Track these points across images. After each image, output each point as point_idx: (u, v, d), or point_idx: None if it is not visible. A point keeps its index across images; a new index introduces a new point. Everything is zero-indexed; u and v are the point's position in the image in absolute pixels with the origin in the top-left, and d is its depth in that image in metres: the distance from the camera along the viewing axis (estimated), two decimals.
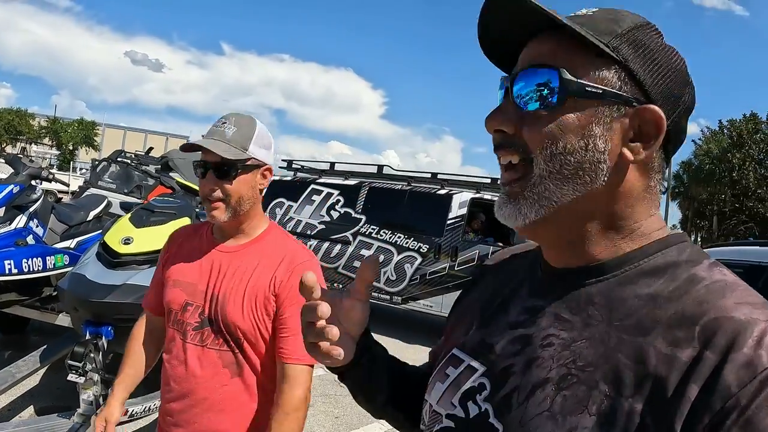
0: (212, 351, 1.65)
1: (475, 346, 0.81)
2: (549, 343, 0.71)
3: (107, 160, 10.29)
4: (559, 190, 0.70)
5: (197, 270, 1.71)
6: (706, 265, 0.69)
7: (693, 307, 0.63)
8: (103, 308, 3.24)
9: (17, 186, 4.46)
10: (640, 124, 0.70)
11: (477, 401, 0.75)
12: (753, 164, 39.75)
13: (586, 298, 0.71)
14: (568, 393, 0.65)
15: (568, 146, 0.69)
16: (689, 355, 0.60)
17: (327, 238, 9.08)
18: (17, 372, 3.76)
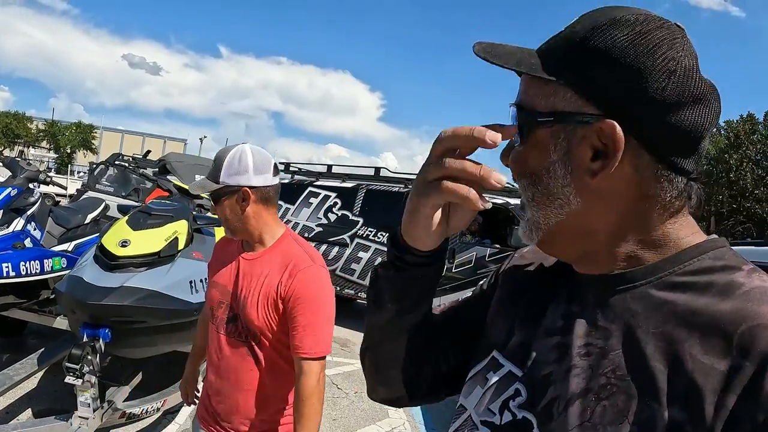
0: (239, 342, 1.97)
1: (515, 348, 0.80)
2: (587, 352, 0.70)
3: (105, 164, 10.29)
4: (541, 215, 0.73)
5: (228, 273, 2.04)
6: (745, 271, 0.66)
7: (731, 315, 0.61)
8: (101, 310, 3.25)
9: (15, 189, 4.46)
10: (600, 139, 0.67)
11: (511, 408, 0.74)
12: (750, 165, 39.77)
13: (622, 305, 0.70)
14: (608, 403, 0.64)
15: (534, 177, 0.72)
16: (727, 365, 0.58)
17: (324, 241, 9.07)
18: (15, 375, 3.76)
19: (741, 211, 40.36)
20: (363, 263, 8.68)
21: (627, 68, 0.66)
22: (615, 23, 0.67)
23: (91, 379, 3.14)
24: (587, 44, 0.68)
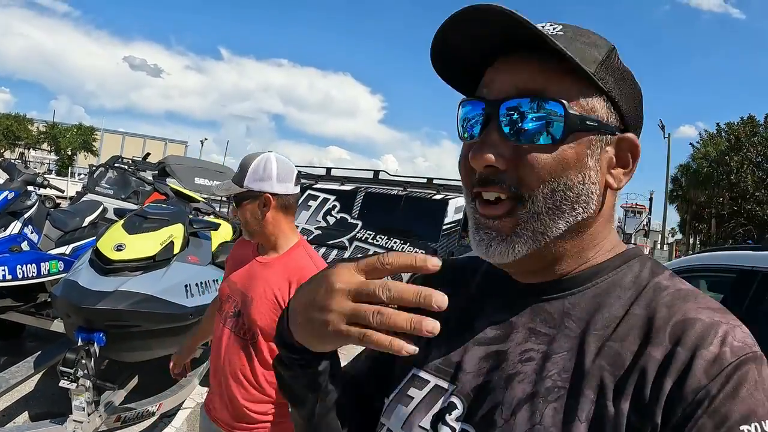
0: (238, 337, 2.08)
1: (438, 364, 0.79)
2: (529, 357, 0.71)
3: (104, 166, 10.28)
4: (554, 224, 0.71)
5: (241, 272, 2.16)
6: (667, 275, 0.74)
7: (662, 311, 0.68)
8: (95, 315, 3.25)
9: (12, 192, 4.46)
10: (619, 152, 0.74)
11: (448, 422, 0.73)
12: (751, 167, 39.72)
13: (561, 311, 0.73)
14: (557, 405, 0.66)
15: (568, 182, 0.70)
16: (662, 353, 0.64)
17: (323, 244, 9.05)
18: (11, 378, 3.75)
19: (742, 214, 40.32)
20: None
21: (632, 93, 0.75)
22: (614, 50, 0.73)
23: (85, 383, 3.14)
24: (613, 62, 0.72)
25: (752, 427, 0.60)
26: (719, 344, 0.63)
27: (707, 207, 43.61)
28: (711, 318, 0.66)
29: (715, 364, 0.62)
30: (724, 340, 0.63)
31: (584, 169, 0.70)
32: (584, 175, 0.71)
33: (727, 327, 0.65)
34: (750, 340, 0.65)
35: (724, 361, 0.62)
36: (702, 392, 0.61)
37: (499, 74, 0.72)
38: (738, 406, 0.60)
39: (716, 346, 0.63)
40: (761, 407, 0.61)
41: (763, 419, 0.60)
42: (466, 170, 0.74)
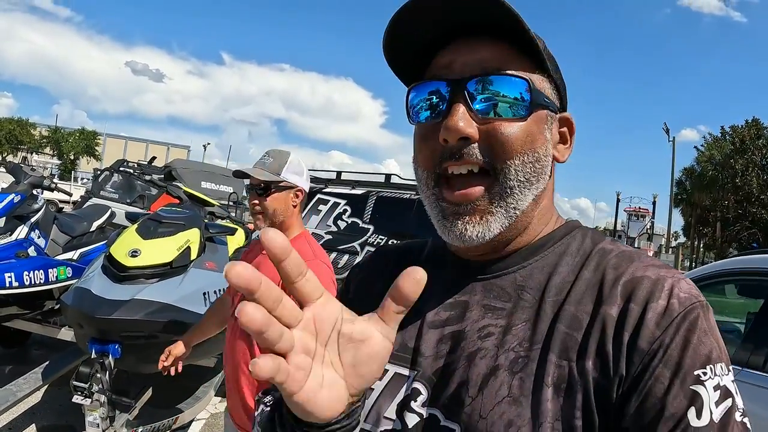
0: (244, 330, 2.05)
1: (395, 351, 0.77)
2: (488, 333, 0.73)
3: (109, 170, 10.21)
4: (524, 197, 0.74)
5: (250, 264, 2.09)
6: (609, 241, 0.79)
7: (611, 273, 0.72)
8: (110, 325, 3.09)
9: (18, 195, 4.34)
10: (560, 129, 0.81)
11: (414, 409, 0.73)
12: (756, 170, 39.80)
13: (514, 285, 0.76)
14: (523, 374, 0.68)
15: (534, 154, 0.74)
16: (617, 310, 0.67)
17: (334, 249, 8.89)
18: (18, 390, 3.64)
19: (747, 217, 40.38)
20: None
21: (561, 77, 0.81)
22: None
23: (100, 398, 2.99)
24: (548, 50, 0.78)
25: (707, 369, 0.64)
26: (667, 296, 0.67)
27: (712, 210, 43.65)
28: (657, 274, 0.70)
29: (666, 315, 0.66)
30: (671, 293, 0.67)
31: (544, 142, 0.76)
32: (545, 148, 0.76)
33: (673, 280, 0.69)
34: (695, 291, 0.69)
35: (673, 311, 0.66)
36: (656, 342, 0.64)
37: (460, 55, 0.74)
38: (691, 353, 0.64)
39: (664, 298, 0.67)
40: (714, 351, 0.65)
41: (716, 362, 0.65)
42: (430, 151, 0.75)
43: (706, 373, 0.63)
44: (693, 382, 0.63)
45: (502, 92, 0.72)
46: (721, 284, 4.23)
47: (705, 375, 0.63)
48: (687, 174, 46.14)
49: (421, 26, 0.74)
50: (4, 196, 4.28)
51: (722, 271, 3.83)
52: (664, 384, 0.63)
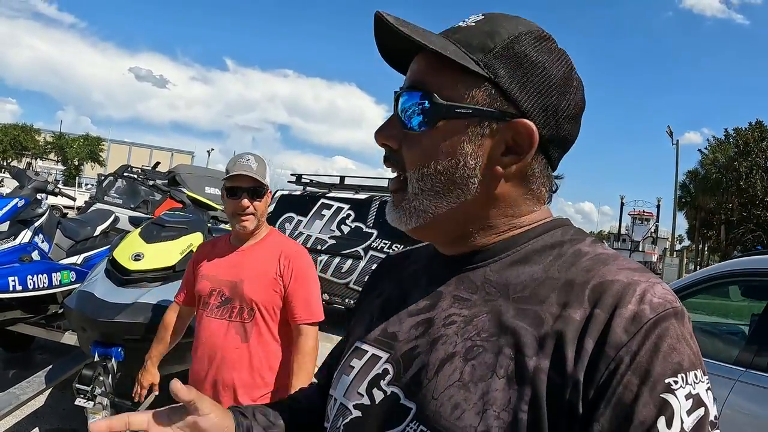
0: (227, 322, 2.32)
1: (377, 336, 0.85)
2: (452, 321, 0.75)
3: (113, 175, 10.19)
4: (432, 204, 0.76)
5: (219, 266, 2.39)
6: (588, 242, 0.77)
7: (581, 275, 0.70)
8: (113, 328, 3.10)
9: (22, 200, 4.35)
10: (514, 137, 0.74)
11: (381, 386, 0.77)
12: (760, 172, 39.71)
13: (482, 278, 0.77)
14: (476, 362, 0.69)
15: (439, 167, 0.74)
16: (582, 315, 0.66)
17: (338, 253, 8.92)
18: (22, 393, 3.64)
19: (751, 219, 40.26)
20: None
21: (540, 79, 0.74)
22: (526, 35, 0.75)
23: (102, 401, 2.99)
24: (516, 49, 0.74)
25: (678, 378, 0.62)
26: (638, 302, 0.65)
27: (716, 213, 43.55)
28: (629, 278, 0.68)
29: (634, 321, 0.64)
30: (643, 298, 0.65)
31: (459, 155, 0.74)
32: (458, 161, 0.74)
33: (646, 285, 0.67)
34: (671, 297, 0.67)
35: (643, 317, 0.64)
36: (623, 349, 0.63)
37: (409, 68, 0.79)
38: (662, 360, 0.62)
39: (634, 304, 0.65)
40: (686, 359, 0.63)
41: (688, 370, 0.63)
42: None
43: (677, 381, 0.62)
44: (663, 390, 0.62)
45: (410, 107, 0.76)
46: (724, 286, 4.22)
47: (676, 383, 0.62)
48: (691, 177, 46.06)
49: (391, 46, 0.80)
50: (8, 200, 4.30)
51: (726, 273, 3.80)
52: (632, 391, 0.62)
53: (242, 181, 2.31)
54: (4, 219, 4.21)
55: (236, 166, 2.32)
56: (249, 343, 2.30)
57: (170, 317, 2.63)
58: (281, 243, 2.44)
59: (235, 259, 2.38)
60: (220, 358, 2.30)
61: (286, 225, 9.70)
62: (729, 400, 2.94)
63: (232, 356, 2.29)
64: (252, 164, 2.33)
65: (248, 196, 2.31)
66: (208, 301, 2.36)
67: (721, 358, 3.27)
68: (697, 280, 3.88)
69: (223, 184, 2.36)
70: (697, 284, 3.85)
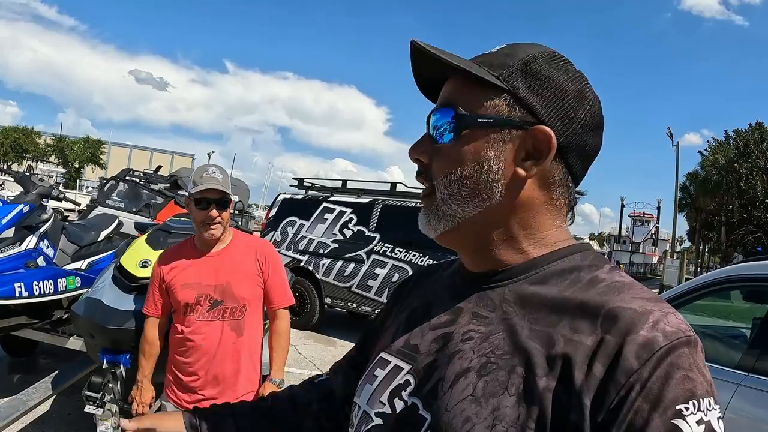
0: (224, 322, 2.55)
1: (400, 347, 0.89)
2: (469, 337, 0.79)
3: (115, 179, 10.20)
4: (460, 208, 0.81)
5: (199, 273, 2.56)
6: (606, 269, 0.79)
7: (595, 301, 0.73)
8: (122, 335, 3.10)
9: (27, 205, 4.34)
10: (534, 143, 0.79)
11: (403, 397, 0.81)
12: (760, 174, 39.68)
13: (501, 297, 0.81)
14: (489, 378, 0.73)
15: (464, 172, 0.80)
16: (593, 340, 0.68)
17: (340, 257, 8.91)
18: (28, 399, 3.65)
19: (752, 221, 40.21)
20: (380, 280, 8.49)
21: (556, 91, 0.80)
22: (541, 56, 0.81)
23: (112, 408, 2.99)
24: (532, 66, 0.80)
25: (690, 405, 0.63)
26: (650, 329, 0.67)
27: (717, 215, 43.51)
28: (642, 307, 0.70)
29: (646, 348, 0.65)
30: (656, 326, 0.67)
31: (482, 160, 0.79)
32: (482, 166, 0.79)
33: (660, 314, 0.69)
34: (683, 326, 0.69)
35: (655, 345, 0.65)
36: (634, 376, 0.64)
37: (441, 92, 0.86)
38: (673, 387, 0.64)
39: (647, 331, 0.67)
40: (699, 387, 0.65)
41: (701, 398, 0.64)
42: None
43: (688, 408, 0.63)
44: (674, 416, 0.63)
45: (439, 122, 0.83)
46: (726, 290, 4.23)
47: (687, 410, 0.63)
48: (691, 178, 46.01)
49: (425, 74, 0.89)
50: (13, 206, 4.29)
51: (728, 278, 3.81)
52: (643, 417, 0.63)
53: (209, 193, 2.49)
54: (10, 225, 4.20)
55: (204, 179, 2.50)
56: (243, 336, 2.58)
57: (152, 332, 2.73)
58: (251, 243, 2.71)
59: (212, 264, 2.58)
60: (219, 356, 2.54)
61: (288, 228, 9.69)
62: (731, 405, 2.95)
63: (229, 350, 2.56)
64: (218, 176, 2.53)
65: (216, 206, 2.50)
66: (195, 308, 2.54)
67: (722, 362, 3.28)
68: (699, 285, 3.89)
69: (190, 195, 2.53)
70: (699, 289, 3.85)
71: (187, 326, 2.56)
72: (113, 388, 3.05)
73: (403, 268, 8.32)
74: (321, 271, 9.03)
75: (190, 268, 2.57)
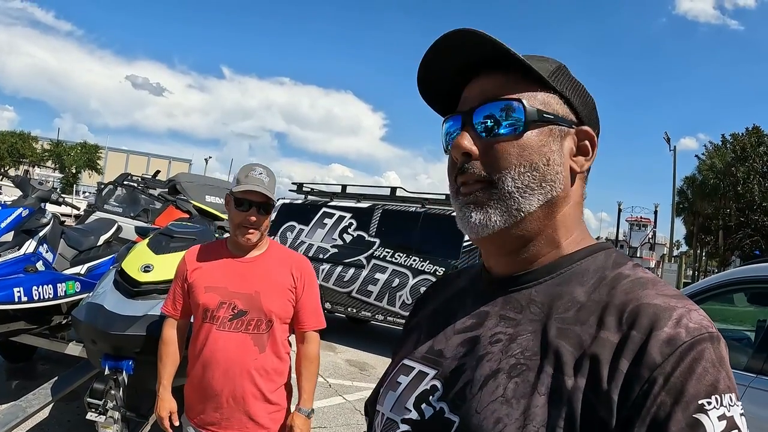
0: (245, 335, 2.30)
1: (424, 353, 0.89)
2: (497, 339, 0.79)
3: (113, 184, 10.17)
4: (527, 200, 0.80)
5: (224, 277, 2.34)
6: (630, 266, 0.81)
7: (619, 298, 0.74)
8: (124, 341, 3.05)
9: (26, 209, 4.33)
10: (578, 142, 0.86)
11: (431, 402, 0.81)
12: (757, 177, 39.78)
13: (528, 299, 0.82)
14: (519, 379, 0.73)
15: (532, 164, 0.80)
16: (618, 337, 0.69)
17: (340, 262, 8.88)
18: (28, 406, 3.61)
19: (749, 224, 40.29)
20: (380, 285, 8.47)
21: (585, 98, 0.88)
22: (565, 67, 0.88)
23: (114, 415, 2.96)
24: (564, 73, 0.86)
25: (712, 399, 0.64)
26: (674, 325, 0.68)
27: (714, 219, 43.60)
28: (666, 303, 0.71)
29: (670, 343, 0.66)
30: (679, 322, 0.68)
31: (547, 153, 0.81)
32: (547, 158, 0.81)
33: (683, 310, 0.70)
34: (706, 322, 0.69)
35: (678, 340, 0.66)
36: (657, 370, 0.65)
37: (471, 90, 0.86)
38: (695, 382, 0.64)
39: (671, 327, 0.68)
40: (721, 381, 0.65)
41: (723, 393, 0.65)
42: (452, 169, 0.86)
43: (710, 402, 0.64)
44: (696, 411, 0.63)
45: (496, 115, 0.81)
46: (731, 293, 4.23)
47: (709, 404, 0.64)
48: (688, 183, 46.10)
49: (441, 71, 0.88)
50: (12, 210, 4.27)
51: (732, 281, 3.84)
52: (665, 411, 0.64)
53: (253, 195, 2.30)
54: (8, 229, 4.18)
55: (249, 179, 2.30)
56: (266, 353, 2.32)
57: (171, 334, 2.50)
58: (288, 255, 2.50)
59: (243, 270, 2.35)
60: (238, 371, 2.28)
61: (287, 234, 9.67)
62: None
63: (250, 367, 2.29)
64: (264, 178, 2.33)
65: (256, 210, 2.31)
66: (216, 315, 2.29)
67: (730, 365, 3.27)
68: (703, 288, 3.91)
69: (231, 193, 2.33)
70: (704, 292, 3.86)
71: (203, 335, 2.33)
72: (115, 395, 3.01)
73: (403, 273, 8.29)
74: (321, 276, 8.97)
75: (218, 271, 2.36)
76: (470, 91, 0.86)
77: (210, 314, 2.30)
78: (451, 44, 0.83)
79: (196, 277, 2.37)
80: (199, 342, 2.33)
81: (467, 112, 0.84)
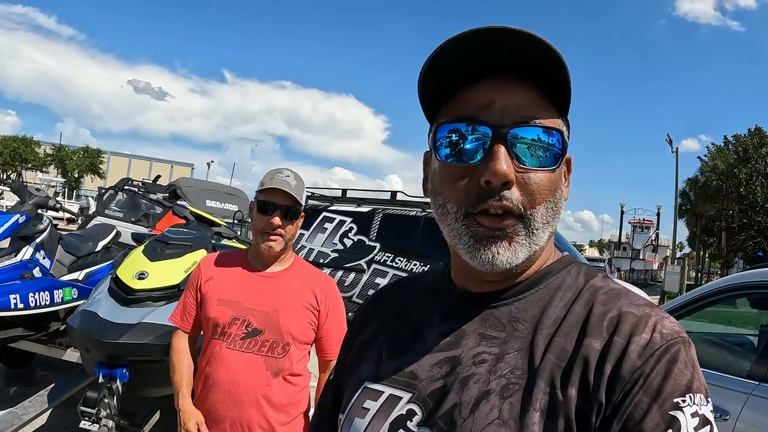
0: (258, 357, 2.08)
1: (392, 375, 0.85)
2: (482, 360, 0.78)
3: (114, 188, 10.19)
4: (544, 235, 0.79)
5: (241, 290, 2.13)
6: (600, 278, 0.84)
7: (598, 308, 0.77)
8: (118, 349, 3.04)
9: (23, 216, 4.31)
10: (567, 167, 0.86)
11: (409, 428, 0.78)
12: (760, 179, 39.69)
13: (508, 316, 0.81)
14: (513, 399, 0.72)
15: (555, 199, 0.79)
16: (601, 343, 0.73)
17: (340, 267, 8.83)
18: (24, 413, 3.62)
19: (752, 226, 40.20)
20: None
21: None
22: None
23: (108, 424, 2.93)
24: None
25: (687, 398, 0.68)
26: (650, 331, 0.72)
27: (717, 220, 43.50)
28: (641, 311, 0.75)
29: (648, 347, 0.70)
30: (655, 328, 0.73)
31: (561, 186, 0.81)
32: (561, 191, 0.81)
33: (657, 318, 0.74)
34: (677, 328, 0.74)
35: (655, 344, 0.71)
36: (637, 372, 0.69)
37: (497, 97, 0.76)
38: (671, 382, 0.68)
39: (648, 332, 0.72)
40: (695, 382, 0.69)
41: (695, 392, 0.69)
42: (466, 190, 0.77)
43: (684, 400, 0.68)
44: (671, 408, 0.67)
45: (539, 143, 0.76)
46: (734, 298, 4.20)
47: (684, 402, 0.68)
48: (691, 184, 46.02)
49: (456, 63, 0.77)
50: (8, 216, 4.25)
51: (736, 285, 3.80)
52: (642, 409, 0.67)
53: (278, 198, 2.10)
54: (5, 235, 4.17)
55: (273, 180, 2.11)
56: (279, 380, 2.11)
57: (183, 344, 2.29)
58: (313, 274, 2.26)
59: (261, 285, 2.15)
60: (245, 397, 2.07)
61: None
62: (742, 415, 2.89)
63: (259, 394, 2.08)
64: (291, 181, 2.13)
65: (281, 214, 2.10)
66: (227, 331, 2.09)
67: (732, 371, 3.22)
68: (707, 293, 3.88)
69: (255, 197, 2.15)
70: (708, 297, 3.84)
71: (211, 352, 2.13)
72: (109, 403, 2.98)
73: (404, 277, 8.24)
74: None
75: (234, 283, 2.15)
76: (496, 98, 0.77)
77: (221, 330, 2.11)
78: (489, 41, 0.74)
79: (209, 287, 2.18)
80: (206, 359, 2.15)
81: (501, 127, 0.75)
